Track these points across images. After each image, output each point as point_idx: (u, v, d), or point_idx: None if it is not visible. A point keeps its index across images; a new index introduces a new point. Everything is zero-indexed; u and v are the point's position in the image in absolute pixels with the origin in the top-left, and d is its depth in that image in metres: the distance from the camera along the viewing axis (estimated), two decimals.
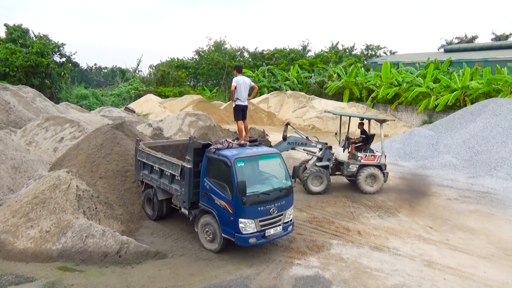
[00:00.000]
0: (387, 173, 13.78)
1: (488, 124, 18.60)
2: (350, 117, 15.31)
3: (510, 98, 22.09)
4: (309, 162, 13.90)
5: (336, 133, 15.04)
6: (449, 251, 9.13)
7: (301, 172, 14.22)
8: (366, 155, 13.47)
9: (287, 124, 14.04)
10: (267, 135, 13.41)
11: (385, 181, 13.64)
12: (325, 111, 22.56)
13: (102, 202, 9.64)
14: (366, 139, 14.07)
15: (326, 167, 13.37)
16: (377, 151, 13.85)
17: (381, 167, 13.53)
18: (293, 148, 13.43)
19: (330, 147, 13.68)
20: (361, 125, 14.34)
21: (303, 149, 13.87)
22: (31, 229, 8.39)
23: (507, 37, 48.81)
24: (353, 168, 13.43)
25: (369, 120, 14.45)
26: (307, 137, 13.64)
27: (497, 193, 13.83)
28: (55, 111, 21.93)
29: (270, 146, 12.96)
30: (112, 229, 8.61)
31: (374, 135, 14.43)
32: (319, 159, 13.50)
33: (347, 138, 14.10)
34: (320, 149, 13.52)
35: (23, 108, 19.76)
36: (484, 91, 25.86)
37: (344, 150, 13.74)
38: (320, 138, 14.58)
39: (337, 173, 13.95)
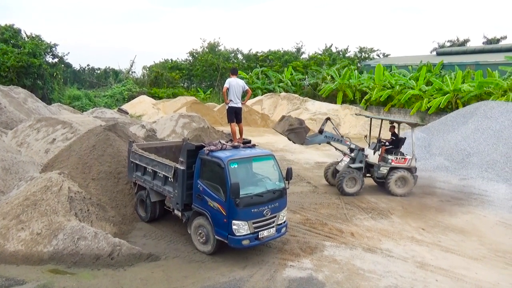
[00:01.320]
0: (417, 176, 13.87)
1: (479, 126, 18.78)
2: (382, 120, 15.41)
3: (501, 101, 22.37)
4: (339, 164, 14.04)
5: (365, 136, 15.10)
6: (441, 252, 9.20)
7: (330, 174, 14.48)
8: (396, 158, 13.57)
9: (328, 118, 14.06)
10: (304, 122, 13.44)
11: (414, 184, 13.73)
12: (355, 114, 22.65)
13: (94, 204, 9.56)
14: (397, 142, 14.14)
15: (360, 169, 13.51)
16: (407, 154, 13.91)
17: (411, 170, 13.61)
18: (328, 143, 13.59)
19: (363, 149, 13.81)
20: (392, 128, 14.47)
21: (336, 147, 14.03)
22: (22, 231, 8.29)
23: (498, 40, 49.47)
24: (384, 170, 13.55)
25: (399, 123, 14.54)
26: (342, 136, 13.84)
27: (488, 195, 13.96)
28: (47, 112, 21.73)
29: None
30: (105, 231, 8.54)
31: (405, 138, 14.48)
32: (352, 160, 13.63)
33: (379, 141, 14.20)
34: (351, 150, 13.68)
35: (14, 109, 19.54)
36: (475, 94, 26.14)
37: (374, 153, 13.80)
38: None
39: (367, 175, 14.01)
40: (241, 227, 7.90)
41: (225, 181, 7.86)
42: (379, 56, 52.28)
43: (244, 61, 52.36)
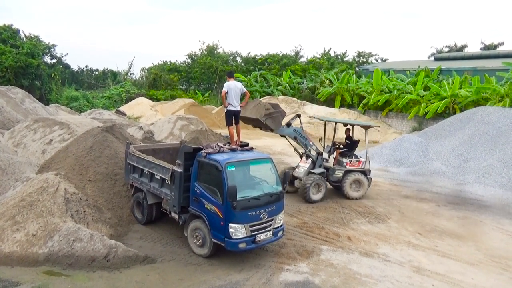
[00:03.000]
0: (371, 178, 13.84)
1: (476, 132, 18.86)
2: (336, 123, 15.24)
3: (498, 106, 22.45)
4: (297, 170, 13.56)
5: (320, 139, 14.78)
6: (437, 257, 9.20)
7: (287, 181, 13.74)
8: (351, 161, 13.49)
9: (299, 115, 13.76)
10: (279, 105, 12.84)
11: (369, 186, 13.65)
12: (309, 116, 22.15)
13: (91, 205, 9.53)
14: (351, 144, 14.05)
15: (322, 173, 13.18)
16: (361, 157, 13.85)
17: (365, 173, 13.55)
18: (295, 138, 12.98)
19: (322, 154, 13.55)
20: (347, 130, 14.39)
21: (295, 148, 13.76)
22: (17, 232, 8.24)
23: (495, 46, 49.70)
24: (339, 174, 13.39)
25: (353, 125, 14.47)
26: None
27: (485, 200, 14.00)
28: (45, 112, 21.67)
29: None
30: (100, 233, 8.50)
31: (358, 141, 14.40)
32: (313, 165, 13.26)
33: (333, 144, 14.09)
34: (308, 152, 13.18)
35: (11, 109, 19.48)
36: (473, 99, 26.25)
37: (329, 156, 13.67)
38: None
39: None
40: (237, 230, 7.88)
41: (222, 184, 7.85)
42: (377, 60, 52.42)
43: (242, 64, 52.34)
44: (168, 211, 9.46)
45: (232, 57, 54.10)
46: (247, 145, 9.54)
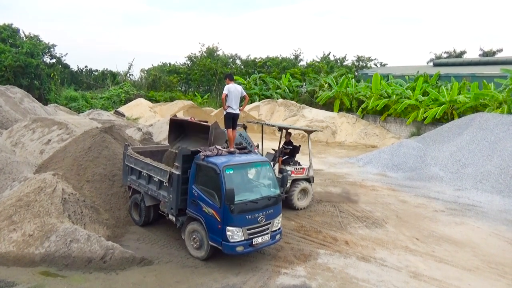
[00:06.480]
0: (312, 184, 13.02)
1: (474, 138, 18.90)
2: (281, 128, 14.28)
3: (496, 113, 22.52)
4: None
5: (257, 145, 12.65)
6: (434, 262, 9.21)
7: None
8: (296, 169, 12.52)
9: (245, 127, 12.26)
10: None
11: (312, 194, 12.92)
12: (248, 122, 18.04)
13: (88, 206, 9.51)
14: (293, 150, 13.27)
15: None
16: (303, 164, 13.04)
17: (309, 180, 12.75)
18: (240, 143, 11.02)
19: None
20: (289, 135, 13.59)
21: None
22: (14, 232, 8.22)
23: (494, 53, 49.91)
24: (287, 184, 12.11)
25: (285, 129, 13.75)
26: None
27: (482, 206, 14.02)
28: (43, 112, 21.62)
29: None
30: (98, 234, 8.48)
31: (299, 146, 13.65)
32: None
33: (281, 151, 13.07)
34: None
35: (10, 108, 19.44)
36: (471, 105, 26.31)
37: (274, 165, 12.41)
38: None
39: None
40: (235, 234, 7.87)
41: (220, 187, 7.85)
42: (376, 65, 52.57)
43: (242, 66, 52.41)
44: (166, 213, 9.45)
45: (231, 59, 54.17)
46: (245, 148, 9.54)
